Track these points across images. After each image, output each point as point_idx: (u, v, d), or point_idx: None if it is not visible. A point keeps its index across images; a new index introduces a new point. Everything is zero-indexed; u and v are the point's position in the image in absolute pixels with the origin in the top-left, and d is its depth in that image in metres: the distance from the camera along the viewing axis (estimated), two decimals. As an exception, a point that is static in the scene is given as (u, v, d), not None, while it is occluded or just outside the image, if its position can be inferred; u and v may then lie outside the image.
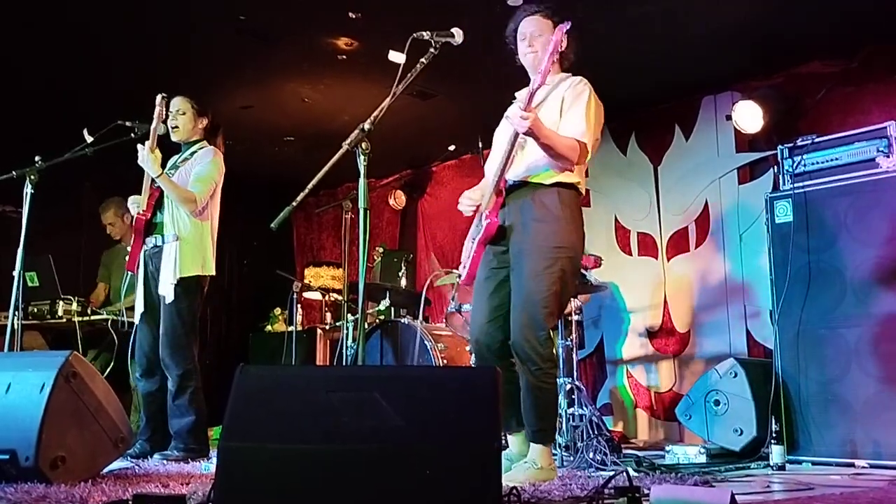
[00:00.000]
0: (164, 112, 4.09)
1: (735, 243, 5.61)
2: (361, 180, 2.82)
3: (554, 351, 3.18)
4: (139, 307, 4.18)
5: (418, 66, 3.05)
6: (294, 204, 2.81)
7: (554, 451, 4.05)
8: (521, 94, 3.39)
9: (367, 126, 2.83)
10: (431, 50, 3.10)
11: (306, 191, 2.83)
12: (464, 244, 3.43)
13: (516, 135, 3.14)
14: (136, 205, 4.17)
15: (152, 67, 5.26)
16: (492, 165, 3.40)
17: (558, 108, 3.23)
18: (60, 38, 4.87)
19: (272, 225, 2.83)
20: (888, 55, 4.98)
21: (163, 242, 4.11)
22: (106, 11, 4.56)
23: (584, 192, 3.32)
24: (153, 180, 4.16)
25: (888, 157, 3.97)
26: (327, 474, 1.94)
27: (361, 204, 2.80)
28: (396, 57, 3.07)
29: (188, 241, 4.09)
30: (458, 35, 3.15)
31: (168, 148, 4.22)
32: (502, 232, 3.23)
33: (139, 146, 4.02)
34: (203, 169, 4.16)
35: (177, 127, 4.22)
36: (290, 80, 5.65)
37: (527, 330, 3.10)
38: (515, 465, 3.22)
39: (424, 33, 3.10)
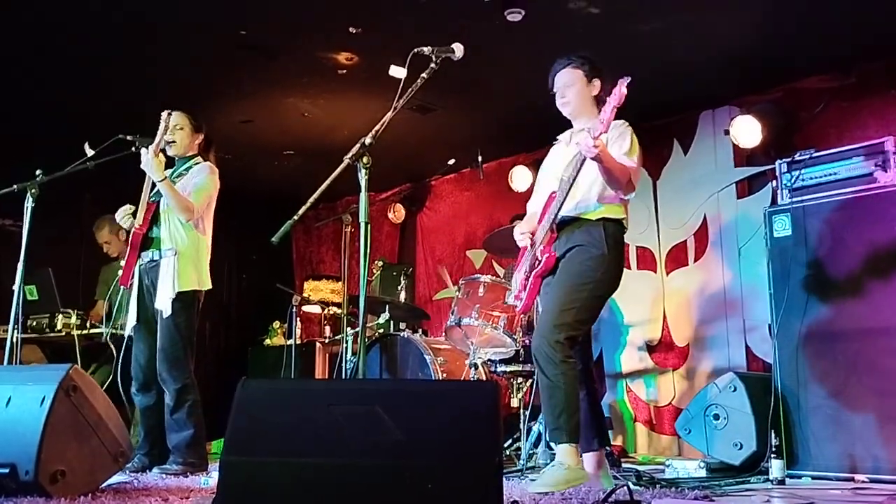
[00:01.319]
0: (167, 127, 4.12)
1: (734, 257, 5.61)
2: (363, 194, 2.83)
3: (570, 358, 3.31)
4: (132, 321, 4.17)
5: (419, 80, 3.07)
6: (295, 218, 2.82)
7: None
8: (563, 137, 3.71)
9: (368, 140, 2.84)
10: (432, 65, 3.12)
11: (308, 204, 2.83)
12: (514, 275, 3.67)
13: (573, 178, 3.34)
14: (125, 216, 4.18)
15: (153, 81, 5.28)
16: (537, 203, 3.65)
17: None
18: (62, 51, 4.88)
19: (273, 239, 2.84)
20: (885, 71, 5.01)
21: (160, 257, 4.11)
22: (107, 24, 4.58)
23: (627, 226, 3.53)
24: (150, 194, 4.18)
25: (886, 171, 3.98)
26: (329, 488, 1.95)
27: (362, 218, 2.80)
28: (397, 72, 3.09)
29: (186, 256, 4.10)
30: (458, 50, 3.18)
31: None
32: (557, 265, 3.46)
33: (143, 150, 4.02)
34: (201, 181, 4.19)
35: (174, 142, 4.24)
36: (291, 95, 5.67)
37: (546, 333, 3.29)
38: (545, 469, 3.32)
39: (425, 48, 3.13)
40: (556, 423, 3.26)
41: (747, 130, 5.31)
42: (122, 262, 4.21)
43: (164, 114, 4.11)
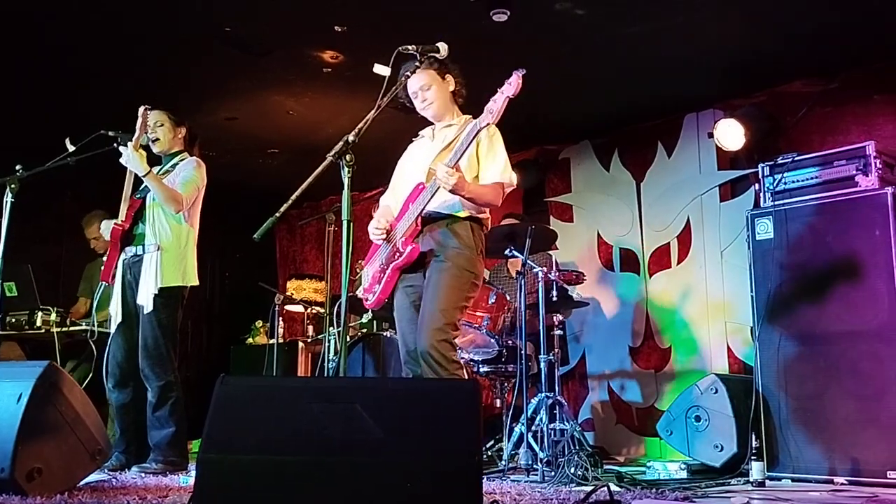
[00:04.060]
0: (145, 123, 4.09)
1: (716, 260, 5.64)
2: (345, 192, 2.80)
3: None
4: (116, 317, 4.13)
5: (403, 79, 3.06)
6: (278, 214, 2.80)
7: (535, 466, 4.06)
8: (426, 132, 3.61)
9: (351, 138, 2.82)
10: (416, 63, 3.11)
11: (290, 201, 2.81)
12: (364, 270, 3.59)
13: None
14: (109, 228, 4.16)
15: (137, 78, 5.24)
16: (397, 197, 3.54)
17: (474, 151, 3.34)
18: (46, 47, 4.84)
19: (255, 235, 2.81)
20: (867, 76, 5.05)
21: (143, 252, 4.08)
22: (91, 22, 4.54)
23: (489, 226, 3.50)
24: (133, 191, 4.15)
25: (867, 175, 4.01)
26: (307, 486, 1.93)
27: (345, 216, 2.79)
28: (381, 70, 3.08)
29: (169, 251, 4.07)
30: (442, 49, 3.18)
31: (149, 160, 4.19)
32: (421, 258, 3.33)
33: (122, 148, 3.99)
34: (188, 174, 4.17)
35: (158, 139, 4.23)
36: (275, 93, 5.65)
37: (436, 338, 3.18)
38: None
39: (410, 47, 3.12)
40: None
41: (731, 134, 5.33)
42: (105, 258, 4.18)
43: (142, 109, 4.09)
